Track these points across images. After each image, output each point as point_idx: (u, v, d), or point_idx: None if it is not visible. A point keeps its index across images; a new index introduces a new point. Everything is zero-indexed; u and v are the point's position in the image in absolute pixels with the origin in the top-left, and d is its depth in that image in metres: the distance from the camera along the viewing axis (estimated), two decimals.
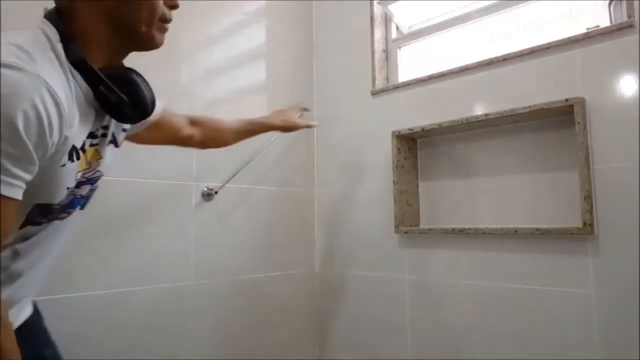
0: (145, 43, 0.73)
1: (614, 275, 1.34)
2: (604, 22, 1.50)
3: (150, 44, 0.74)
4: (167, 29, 0.75)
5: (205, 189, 1.82)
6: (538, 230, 1.46)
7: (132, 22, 0.70)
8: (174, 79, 1.77)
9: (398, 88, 1.94)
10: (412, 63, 2.06)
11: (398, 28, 2.11)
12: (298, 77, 2.24)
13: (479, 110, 1.66)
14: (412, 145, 1.90)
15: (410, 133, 1.82)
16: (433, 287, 1.75)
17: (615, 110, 1.37)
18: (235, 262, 1.90)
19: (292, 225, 2.13)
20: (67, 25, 0.67)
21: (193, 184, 1.79)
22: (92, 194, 0.85)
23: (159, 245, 1.67)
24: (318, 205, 2.23)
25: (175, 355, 1.68)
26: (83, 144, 0.70)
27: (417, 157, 1.92)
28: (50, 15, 0.68)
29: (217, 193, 1.84)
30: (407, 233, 1.82)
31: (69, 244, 0.90)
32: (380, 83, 2.04)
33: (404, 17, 2.08)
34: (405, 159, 1.87)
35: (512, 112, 1.52)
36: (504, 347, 1.54)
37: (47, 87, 0.58)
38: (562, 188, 1.50)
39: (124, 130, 0.86)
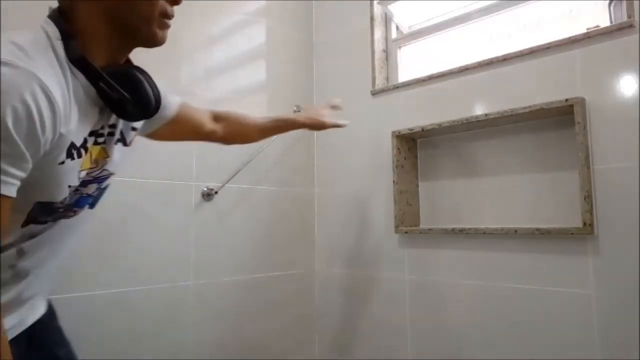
0: (147, 40, 0.73)
1: (614, 275, 1.34)
2: (604, 22, 1.50)
3: (152, 42, 0.73)
4: (169, 25, 0.74)
5: (205, 189, 1.82)
6: (538, 230, 1.46)
7: (131, 20, 0.69)
8: (174, 79, 1.77)
9: (398, 88, 1.94)
10: (412, 63, 2.06)
11: (398, 28, 2.11)
12: (298, 77, 2.24)
13: (479, 110, 1.66)
14: (412, 145, 1.90)
15: (410, 133, 1.82)
16: (433, 287, 1.75)
17: (615, 110, 1.37)
18: (235, 262, 1.90)
19: (292, 225, 2.13)
20: (68, 24, 0.67)
21: (193, 184, 1.79)
22: (102, 193, 0.85)
23: (159, 245, 1.67)
24: (318, 205, 2.23)
25: (176, 355, 1.68)
26: (84, 142, 0.70)
27: (417, 157, 1.92)
28: (53, 15, 0.68)
29: (217, 193, 1.84)
30: (407, 233, 1.82)
31: (80, 243, 0.90)
32: (380, 83, 2.04)
33: (404, 17, 2.08)
34: (405, 159, 1.87)
35: (512, 112, 1.52)
36: (504, 347, 1.54)
37: (39, 83, 0.58)
38: (562, 188, 1.50)
39: (134, 129, 0.85)
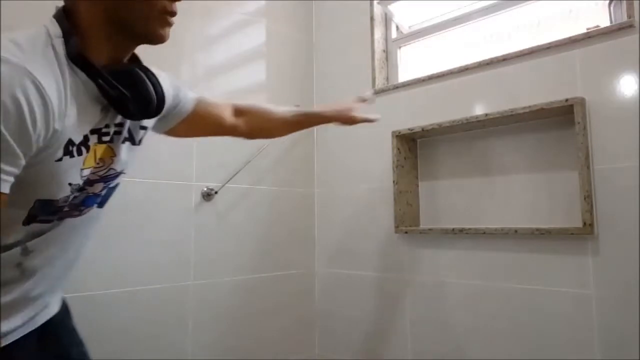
0: (148, 38, 0.72)
1: (614, 275, 1.34)
2: (604, 22, 1.50)
3: (153, 39, 0.72)
4: (171, 22, 0.72)
5: (205, 189, 1.82)
6: (538, 230, 1.46)
7: (130, 19, 0.69)
8: None
9: (398, 88, 1.94)
10: (412, 63, 2.06)
11: (398, 28, 2.11)
12: (298, 77, 2.24)
13: (479, 110, 1.66)
14: (412, 145, 1.90)
15: (410, 133, 1.82)
16: (433, 287, 1.75)
17: (615, 110, 1.37)
18: (235, 262, 1.90)
19: (292, 225, 2.13)
20: (70, 23, 0.67)
21: (193, 184, 1.79)
22: (111, 192, 0.84)
23: (159, 245, 1.67)
24: (318, 205, 2.22)
25: (176, 355, 1.68)
26: (85, 140, 0.69)
27: (417, 157, 1.92)
28: (57, 14, 0.69)
29: (217, 193, 1.84)
30: (407, 233, 1.82)
31: (93, 242, 0.90)
32: (380, 83, 2.04)
33: (404, 17, 2.08)
34: (405, 159, 1.87)
35: (512, 112, 1.52)
36: (504, 347, 1.54)
37: (31, 78, 0.58)
38: (562, 188, 1.50)
39: (143, 128, 0.84)
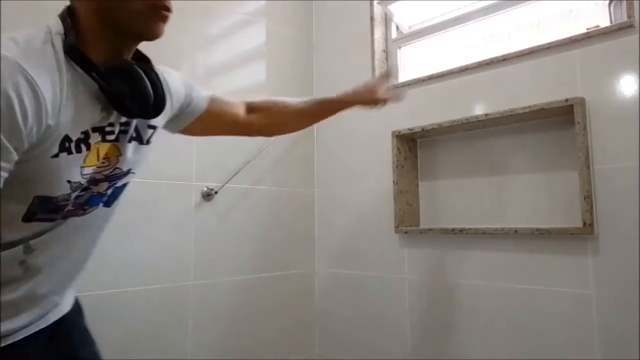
0: (141, 36, 0.71)
1: (614, 275, 1.34)
2: (604, 22, 1.50)
3: (146, 36, 0.71)
4: (165, 17, 0.71)
5: (205, 189, 1.82)
6: (538, 230, 1.46)
7: (122, 17, 0.69)
8: None
9: (398, 88, 1.94)
10: (412, 63, 2.06)
11: (398, 28, 2.11)
12: (298, 77, 2.24)
13: (479, 110, 1.66)
14: (412, 145, 1.90)
15: (410, 133, 1.82)
16: (433, 287, 1.75)
17: (615, 110, 1.37)
18: (235, 261, 1.90)
19: (292, 226, 2.13)
20: (72, 21, 0.68)
21: (193, 184, 1.79)
22: (118, 192, 0.83)
23: (159, 245, 1.67)
24: (318, 205, 2.22)
25: (176, 355, 1.68)
26: (85, 137, 0.69)
27: (417, 157, 1.92)
28: (62, 12, 0.70)
29: (217, 193, 1.84)
30: (407, 233, 1.82)
31: (101, 241, 0.89)
32: None
33: (404, 17, 2.08)
34: (405, 159, 1.87)
35: (512, 112, 1.52)
36: (504, 347, 1.54)
37: (23, 74, 0.58)
38: (562, 188, 1.50)
39: (152, 127, 0.83)
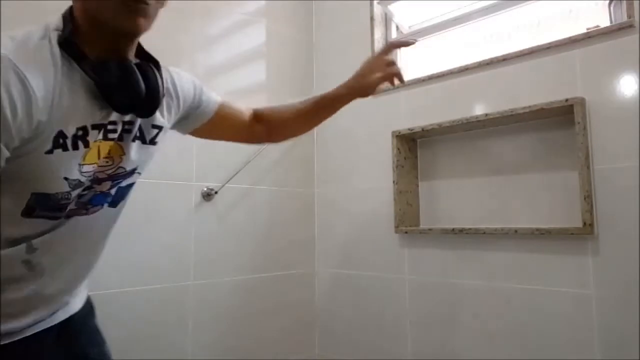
0: (122, 31, 0.70)
1: (614, 275, 1.34)
2: (604, 22, 1.50)
3: (126, 31, 0.70)
4: (140, 9, 0.68)
5: (205, 189, 1.82)
6: (538, 230, 1.46)
7: (101, 15, 0.68)
8: None
9: (398, 88, 1.94)
10: (412, 63, 2.06)
11: (398, 28, 2.11)
12: (298, 77, 2.24)
13: (479, 110, 1.66)
14: (412, 145, 1.90)
15: (410, 133, 1.82)
16: (433, 287, 1.75)
17: (615, 110, 1.37)
18: (235, 262, 1.90)
19: (292, 226, 2.13)
20: (72, 19, 0.69)
21: (193, 184, 1.79)
22: (124, 192, 0.83)
23: (159, 245, 1.67)
24: (318, 205, 2.22)
25: (176, 355, 1.68)
26: (82, 134, 0.68)
27: (417, 157, 1.92)
28: (65, 10, 0.70)
29: (217, 193, 1.84)
30: (407, 233, 1.82)
31: (109, 241, 0.89)
32: None
33: (404, 17, 2.08)
34: (405, 159, 1.87)
35: (512, 112, 1.52)
36: (504, 347, 1.54)
37: (13, 68, 0.58)
38: (562, 188, 1.50)
39: (156, 127, 0.82)
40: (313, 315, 2.15)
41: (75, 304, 0.87)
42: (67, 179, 0.69)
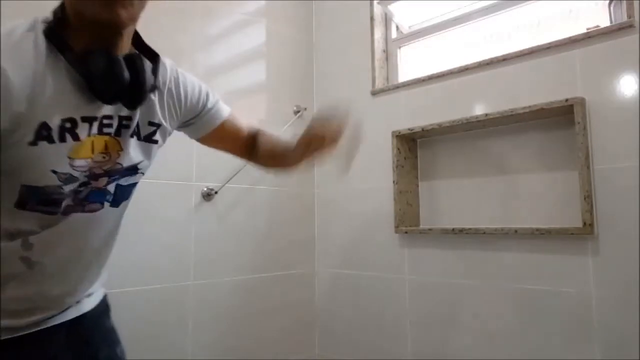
0: (103, 23, 0.68)
1: (614, 275, 1.34)
2: (604, 22, 1.50)
3: (107, 23, 0.68)
4: (121, 1, 0.67)
5: (205, 189, 1.82)
6: (538, 230, 1.46)
7: (83, 8, 0.68)
8: None
9: (398, 88, 1.94)
10: (412, 63, 2.06)
11: (398, 28, 2.11)
12: (298, 77, 2.24)
13: (479, 110, 1.66)
14: (412, 145, 1.90)
15: (410, 133, 1.82)
16: (433, 287, 1.75)
17: (615, 110, 1.37)
18: (235, 262, 1.90)
19: (292, 226, 2.13)
20: (62, 12, 0.69)
21: (193, 184, 1.79)
22: (125, 192, 0.82)
23: (159, 245, 1.67)
24: (318, 205, 2.22)
25: (176, 355, 1.68)
26: (72, 127, 0.68)
27: (417, 157, 1.92)
28: (58, 4, 0.71)
29: (217, 193, 1.84)
30: (407, 233, 1.82)
31: (116, 243, 0.88)
32: (380, 83, 2.04)
33: (404, 17, 2.08)
34: (405, 159, 1.87)
35: (512, 112, 1.52)
36: (504, 346, 1.54)
37: None
38: (562, 188, 1.50)
39: (153, 124, 0.81)
40: (313, 315, 2.15)
41: (89, 303, 0.87)
42: (55, 172, 0.68)
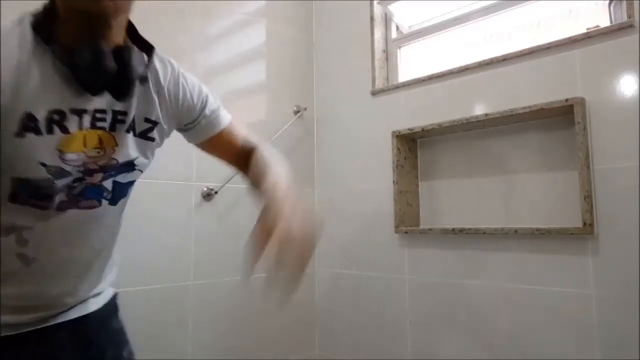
0: (91, 13, 0.68)
1: (614, 275, 1.34)
2: (604, 22, 1.50)
3: (95, 13, 0.67)
4: None
5: (205, 189, 1.82)
6: (538, 230, 1.46)
7: (70, 2, 0.68)
8: None
9: (398, 88, 1.94)
10: (412, 63, 2.06)
11: (398, 28, 2.11)
12: (298, 77, 2.24)
13: (479, 110, 1.66)
14: (412, 145, 1.90)
15: (410, 133, 1.82)
16: (433, 287, 1.75)
17: (615, 110, 1.37)
18: (236, 261, 1.90)
19: None
20: (52, 5, 0.69)
21: (193, 184, 1.79)
22: (123, 189, 0.82)
23: (159, 245, 1.67)
24: (318, 205, 2.22)
25: (176, 355, 1.68)
26: (60, 119, 0.67)
27: (417, 157, 1.92)
28: None
29: (217, 193, 1.84)
30: (407, 233, 1.82)
31: (114, 242, 0.87)
32: (380, 83, 2.04)
33: (404, 17, 2.08)
34: (405, 159, 1.87)
35: (512, 112, 1.52)
36: (504, 347, 1.54)
37: None
38: (562, 188, 1.50)
39: (149, 121, 0.81)
40: (313, 315, 2.15)
41: (95, 302, 0.86)
42: (45, 165, 0.68)
